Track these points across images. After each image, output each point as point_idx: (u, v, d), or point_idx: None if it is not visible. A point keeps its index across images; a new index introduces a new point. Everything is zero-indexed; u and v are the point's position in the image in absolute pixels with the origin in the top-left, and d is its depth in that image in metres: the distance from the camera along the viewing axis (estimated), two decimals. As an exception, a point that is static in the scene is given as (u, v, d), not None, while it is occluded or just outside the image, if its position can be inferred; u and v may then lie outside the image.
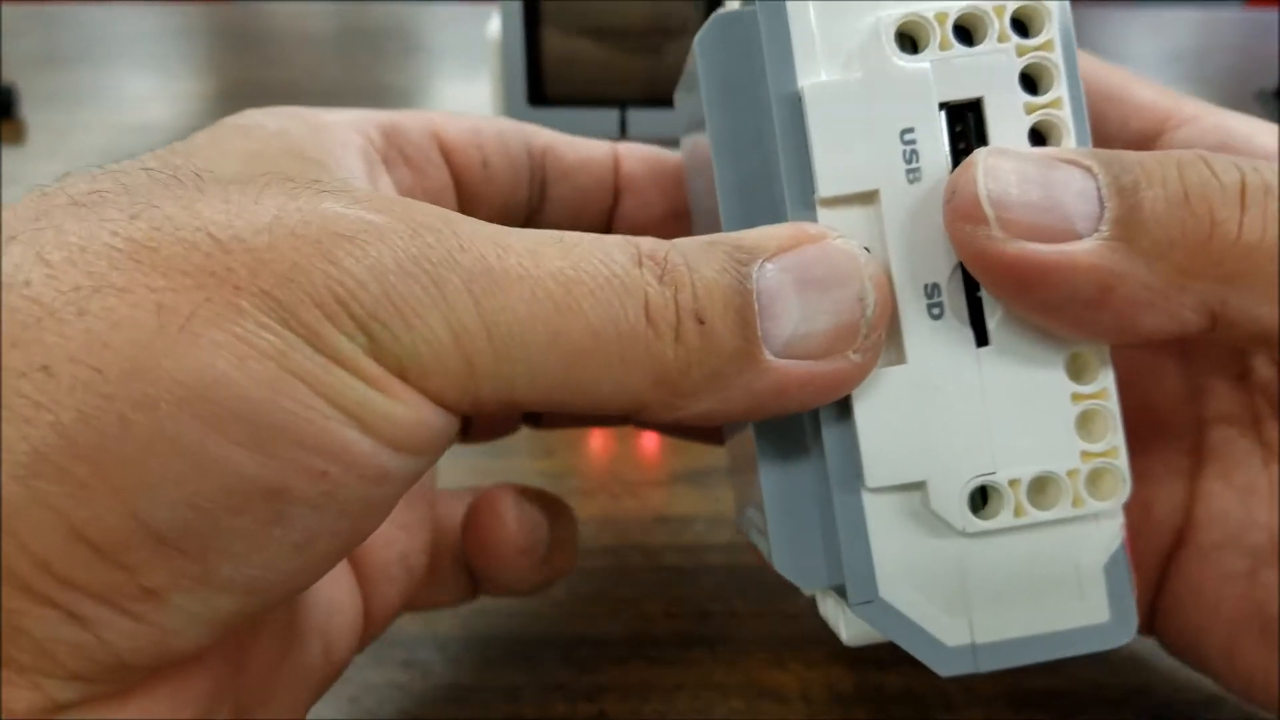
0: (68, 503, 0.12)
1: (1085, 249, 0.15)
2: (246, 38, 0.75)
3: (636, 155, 0.23)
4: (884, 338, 0.16)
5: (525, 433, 0.26)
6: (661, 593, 0.26)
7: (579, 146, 0.23)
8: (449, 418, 0.15)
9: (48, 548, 0.12)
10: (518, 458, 0.32)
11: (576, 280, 0.14)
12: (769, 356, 0.15)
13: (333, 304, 0.13)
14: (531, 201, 0.23)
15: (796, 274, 0.15)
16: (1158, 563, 0.20)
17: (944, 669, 0.16)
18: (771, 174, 0.16)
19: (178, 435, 0.13)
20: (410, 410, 0.14)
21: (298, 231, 0.14)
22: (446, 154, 0.21)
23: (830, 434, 0.16)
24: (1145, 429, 0.20)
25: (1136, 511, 0.20)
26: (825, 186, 0.16)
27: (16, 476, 0.12)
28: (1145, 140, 0.20)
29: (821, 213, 0.16)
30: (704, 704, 0.23)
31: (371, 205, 0.14)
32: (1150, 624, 0.21)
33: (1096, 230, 0.15)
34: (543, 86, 0.38)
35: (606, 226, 0.23)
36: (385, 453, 0.14)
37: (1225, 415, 0.20)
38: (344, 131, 0.19)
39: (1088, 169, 0.15)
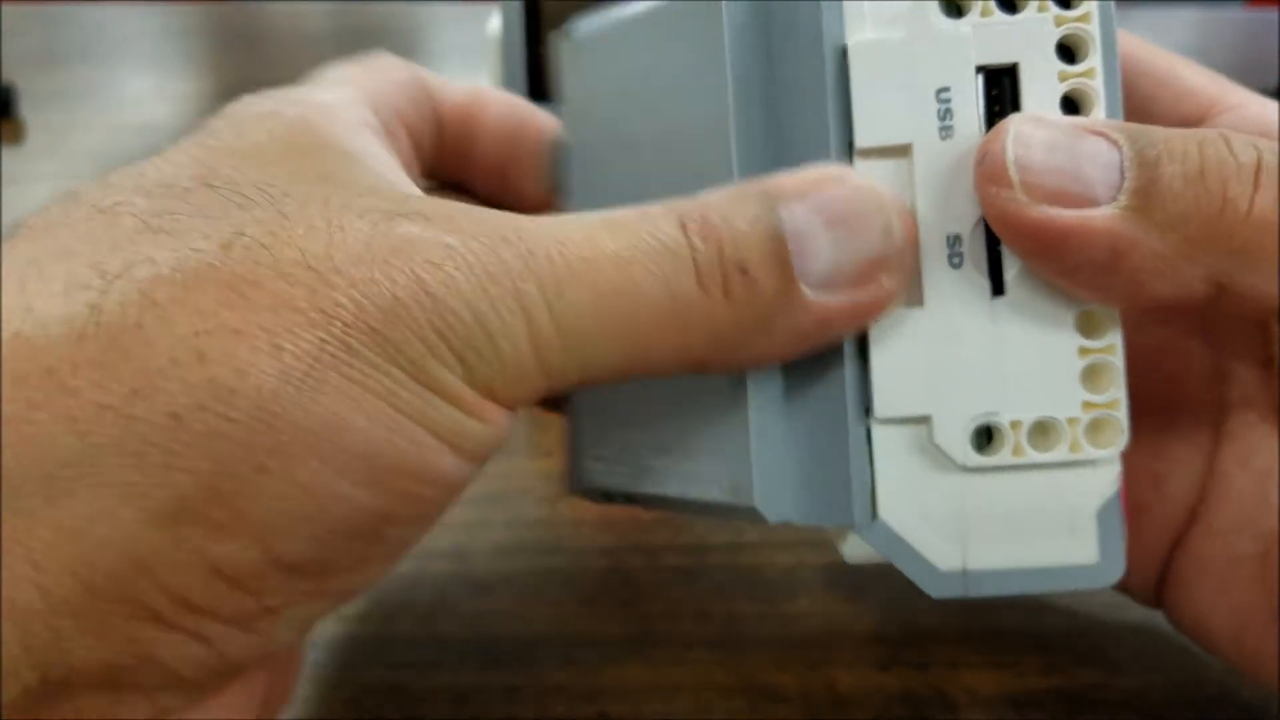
0: (207, 544, 0.13)
1: (1102, 216, 0.15)
2: (246, 38, 0.75)
3: (498, 104, 0.23)
4: (911, 261, 0.16)
5: (525, 432, 0.26)
6: (661, 593, 0.26)
7: (448, 90, 0.23)
8: (515, 416, 0.16)
9: (186, 585, 0.13)
10: (517, 458, 0.32)
11: (631, 260, 0.15)
12: (808, 293, 0.16)
13: (434, 338, 0.14)
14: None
15: (824, 213, 0.16)
16: (1169, 538, 0.21)
17: (935, 590, 0.17)
18: (792, 123, 0.17)
19: (309, 481, 0.13)
20: (493, 428, 0.15)
21: (391, 261, 0.14)
22: (406, 121, 0.21)
23: (845, 367, 0.17)
24: (1167, 406, 0.20)
25: (1150, 484, 0.20)
26: (863, 138, 0.17)
27: (155, 522, 0.13)
28: (1190, 124, 0.20)
29: (856, 163, 0.17)
30: (704, 704, 0.23)
31: (443, 225, 0.15)
32: (1158, 598, 0.21)
33: (1115, 199, 0.15)
34: (543, 85, 0.38)
35: (461, 172, 0.23)
36: (468, 466, 0.15)
37: (1247, 399, 0.20)
38: (349, 111, 0.19)
39: (1114, 141, 0.16)
